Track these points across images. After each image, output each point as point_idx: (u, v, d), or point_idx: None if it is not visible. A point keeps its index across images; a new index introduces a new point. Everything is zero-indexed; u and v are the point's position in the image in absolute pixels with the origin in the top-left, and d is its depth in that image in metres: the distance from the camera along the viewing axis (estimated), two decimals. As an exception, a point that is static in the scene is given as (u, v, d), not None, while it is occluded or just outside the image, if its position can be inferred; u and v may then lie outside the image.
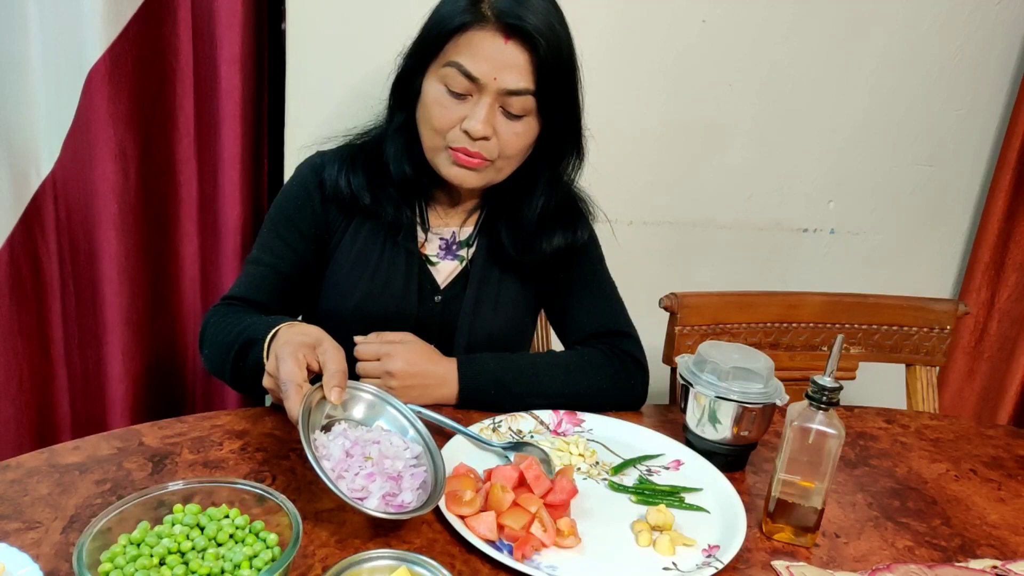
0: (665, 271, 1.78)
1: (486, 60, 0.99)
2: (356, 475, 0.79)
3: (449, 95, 1.02)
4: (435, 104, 1.03)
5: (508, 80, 0.99)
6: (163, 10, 1.35)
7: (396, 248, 1.15)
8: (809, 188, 1.81)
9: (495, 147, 1.04)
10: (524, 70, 1.00)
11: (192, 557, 0.68)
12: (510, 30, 0.98)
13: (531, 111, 1.03)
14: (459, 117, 1.02)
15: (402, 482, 0.81)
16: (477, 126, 1.00)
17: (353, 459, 0.81)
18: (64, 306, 1.45)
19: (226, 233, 1.48)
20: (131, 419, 1.47)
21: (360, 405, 0.91)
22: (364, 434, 0.86)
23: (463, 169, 1.05)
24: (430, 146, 1.07)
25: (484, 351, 1.13)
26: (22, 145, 1.33)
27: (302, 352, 0.86)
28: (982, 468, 1.10)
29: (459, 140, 1.03)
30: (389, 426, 0.90)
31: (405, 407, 0.91)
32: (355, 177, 1.12)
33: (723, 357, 0.98)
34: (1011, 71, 1.82)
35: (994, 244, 1.88)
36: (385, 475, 0.80)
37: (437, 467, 0.84)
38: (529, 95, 1.01)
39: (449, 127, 1.03)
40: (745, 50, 1.65)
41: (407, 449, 0.86)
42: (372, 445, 0.84)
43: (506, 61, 0.99)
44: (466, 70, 0.99)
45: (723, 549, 0.82)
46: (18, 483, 0.82)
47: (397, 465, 0.82)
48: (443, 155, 1.06)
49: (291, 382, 0.83)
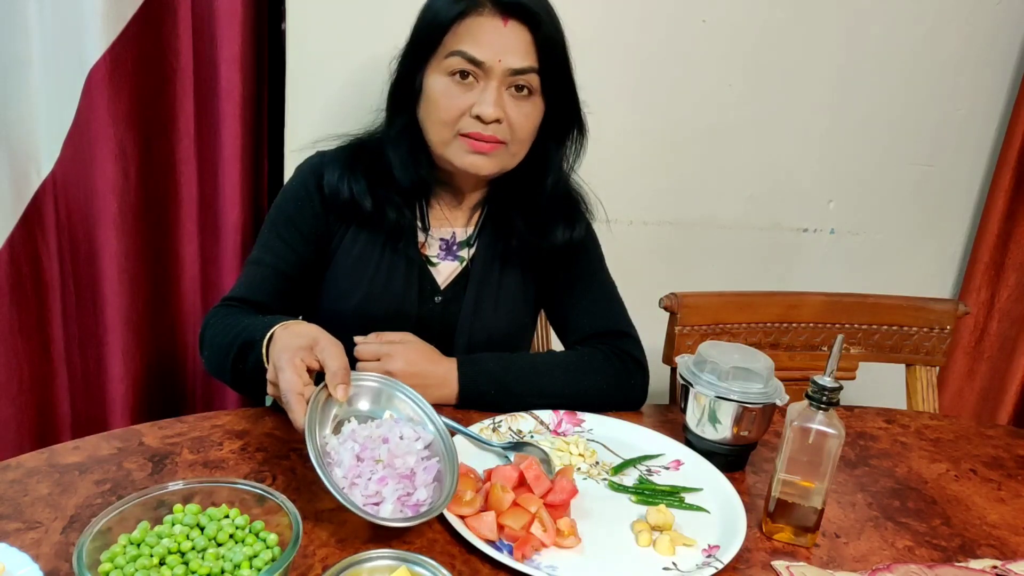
0: (665, 271, 1.78)
1: (488, 44, 1.00)
2: (369, 480, 0.79)
3: (455, 84, 1.03)
4: (442, 96, 1.03)
5: (513, 60, 1.01)
6: (163, 10, 1.35)
7: (397, 248, 1.15)
8: (809, 188, 1.81)
9: (507, 129, 1.05)
10: (526, 49, 1.02)
11: (192, 557, 0.68)
12: (508, 10, 1.00)
13: (536, 90, 1.05)
14: (468, 105, 1.03)
15: (415, 479, 0.81)
16: (489, 109, 1.02)
17: (364, 463, 0.80)
18: (64, 306, 1.45)
19: (226, 233, 1.48)
20: (131, 419, 1.47)
21: (366, 397, 0.90)
22: (374, 431, 0.85)
23: (478, 156, 1.06)
24: (440, 140, 1.07)
25: (484, 351, 1.13)
26: (22, 145, 1.33)
27: (299, 357, 0.85)
28: (982, 468, 1.10)
29: (471, 126, 1.04)
30: (398, 415, 0.89)
31: (411, 390, 0.90)
32: (356, 183, 1.11)
33: (723, 357, 0.98)
34: (1011, 71, 1.82)
35: (994, 244, 1.88)
36: (397, 476, 0.80)
37: (450, 454, 0.83)
38: (534, 73, 1.03)
39: (459, 116, 1.04)
40: (745, 50, 1.65)
41: (418, 440, 0.85)
42: (382, 445, 0.83)
43: (508, 42, 1.00)
44: (470, 56, 1.00)
45: (723, 549, 0.82)
46: (18, 483, 0.82)
47: (409, 462, 0.81)
48: (455, 145, 1.06)
49: (291, 392, 0.82)
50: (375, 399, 0.90)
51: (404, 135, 1.11)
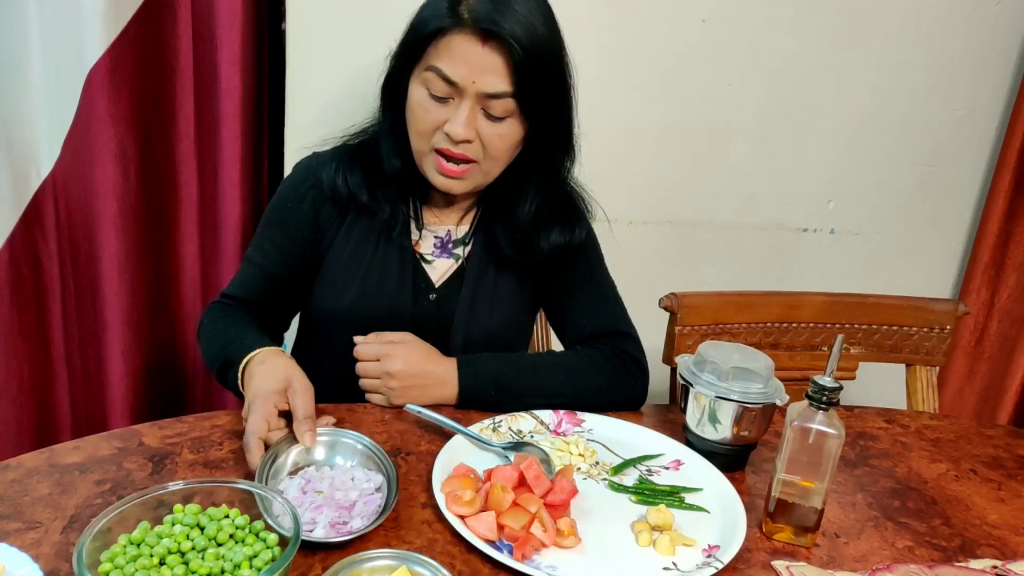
0: (665, 271, 1.78)
1: (464, 64, 0.99)
2: (306, 510, 0.81)
3: (431, 99, 1.02)
4: (418, 107, 1.03)
5: (487, 83, 0.99)
6: (163, 10, 1.35)
7: (390, 244, 1.15)
8: (809, 188, 1.81)
9: (479, 148, 1.04)
10: (502, 73, 0.99)
11: (192, 557, 0.68)
12: (487, 34, 0.97)
13: (513, 112, 1.03)
14: (442, 120, 1.02)
15: (353, 510, 0.82)
16: (458, 129, 1.01)
17: (307, 495, 0.84)
18: (64, 306, 1.45)
19: (226, 233, 1.48)
20: (131, 419, 1.47)
21: (320, 447, 0.92)
22: (326, 472, 0.88)
23: (447, 179, 1.07)
24: (417, 150, 1.08)
25: (481, 350, 1.12)
26: (22, 145, 1.33)
27: (272, 402, 0.91)
28: (982, 468, 1.10)
29: (442, 141, 1.04)
30: (352, 461, 0.91)
31: (364, 438, 0.93)
32: (352, 175, 1.13)
33: (723, 357, 0.98)
34: (1011, 71, 1.82)
35: (994, 244, 1.88)
36: (336, 505, 0.82)
37: (390, 491, 0.85)
38: (509, 97, 1.01)
39: (433, 129, 1.04)
40: (745, 50, 1.65)
41: (368, 481, 0.87)
42: (325, 480, 0.86)
43: (484, 65, 0.99)
44: (445, 74, 0.99)
45: (723, 549, 0.82)
46: (18, 483, 0.82)
47: (351, 496, 0.84)
48: (429, 160, 1.07)
49: (253, 435, 0.88)
50: (329, 449, 0.92)
51: (392, 131, 1.11)
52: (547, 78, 1.03)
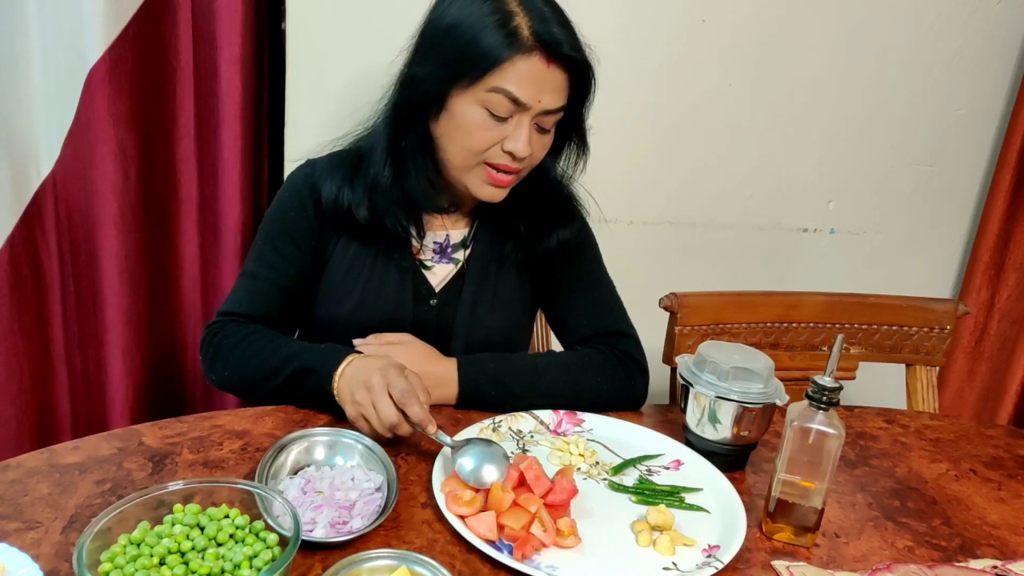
0: (665, 271, 1.78)
1: (533, 85, 0.99)
2: (306, 510, 0.81)
3: (491, 118, 1.01)
4: (477, 127, 1.02)
5: (549, 101, 1.01)
6: (163, 10, 1.35)
7: (391, 255, 1.14)
8: (809, 188, 1.81)
9: (529, 161, 1.06)
10: (563, 90, 1.02)
11: (192, 557, 0.68)
12: (553, 56, 0.99)
13: (556, 122, 1.06)
14: (500, 138, 1.03)
15: (353, 510, 0.82)
16: (523, 148, 1.02)
17: (307, 495, 0.84)
18: (64, 306, 1.45)
19: (226, 233, 1.48)
20: (131, 419, 1.47)
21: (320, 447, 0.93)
22: (326, 472, 0.88)
23: (496, 188, 1.07)
24: (462, 165, 1.06)
25: (482, 352, 1.12)
26: (22, 145, 1.33)
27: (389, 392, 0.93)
28: (982, 468, 1.10)
29: (500, 158, 1.04)
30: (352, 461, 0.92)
31: (365, 438, 0.93)
32: (353, 193, 1.10)
33: (723, 357, 0.98)
34: (1011, 71, 1.82)
35: (994, 244, 1.88)
36: (336, 505, 0.82)
37: (390, 491, 0.85)
38: (562, 111, 1.04)
39: (489, 147, 1.04)
40: (745, 50, 1.65)
41: (368, 481, 0.87)
42: (325, 480, 0.86)
43: (549, 84, 1.00)
44: (514, 96, 0.99)
45: (723, 549, 0.82)
46: (18, 483, 0.82)
47: (351, 496, 0.84)
48: (476, 172, 1.06)
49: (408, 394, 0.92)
50: (329, 450, 0.93)
51: (419, 149, 1.08)
52: (591, 88, 1.07)
